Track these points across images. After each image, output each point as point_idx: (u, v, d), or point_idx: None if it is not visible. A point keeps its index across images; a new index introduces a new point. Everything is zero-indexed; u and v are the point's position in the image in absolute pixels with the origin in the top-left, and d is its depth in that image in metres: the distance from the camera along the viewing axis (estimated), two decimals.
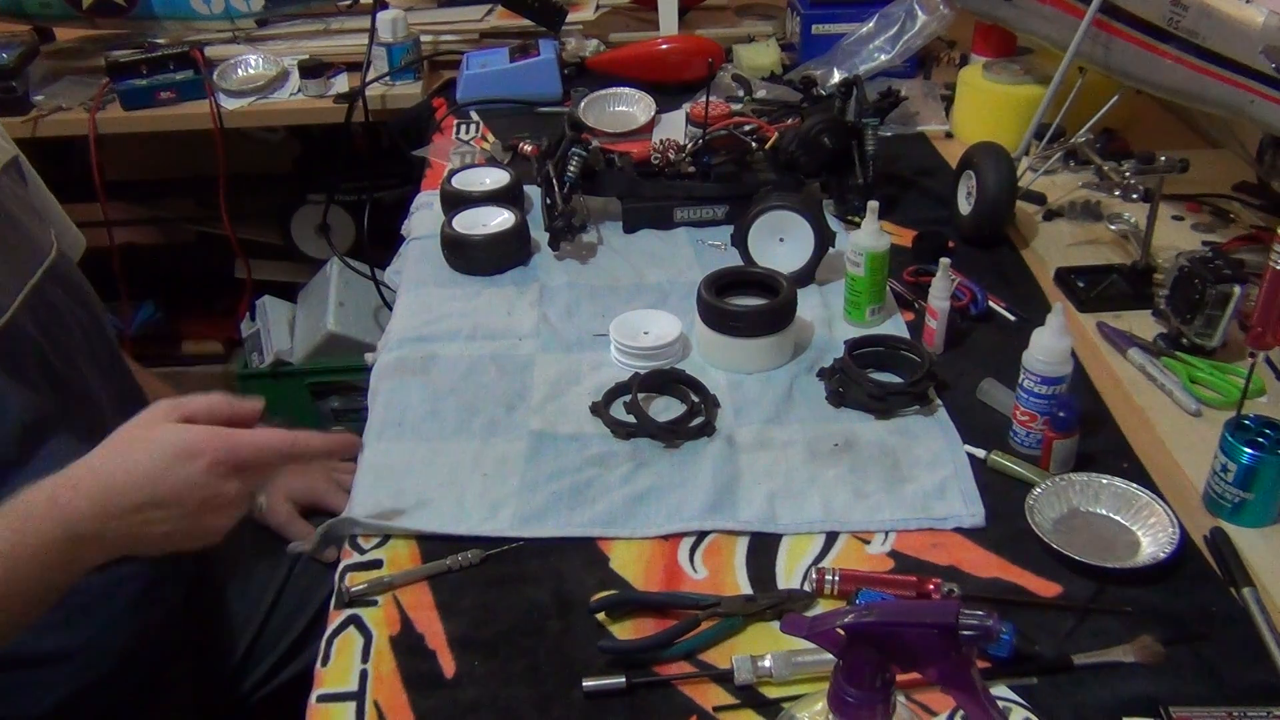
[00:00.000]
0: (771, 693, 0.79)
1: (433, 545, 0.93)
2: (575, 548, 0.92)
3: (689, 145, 1.38)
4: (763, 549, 0.91)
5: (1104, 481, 0.94)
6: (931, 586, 0.86)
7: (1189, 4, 1.14)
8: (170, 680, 1.08)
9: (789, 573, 0.89)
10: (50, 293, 1.01)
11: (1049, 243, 1.35)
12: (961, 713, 0.76)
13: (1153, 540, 0.89)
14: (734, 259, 1.26)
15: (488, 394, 1.09)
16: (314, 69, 1.80)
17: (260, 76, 1.82)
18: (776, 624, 0.84)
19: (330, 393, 2.07)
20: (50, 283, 1.01)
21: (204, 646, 1.14)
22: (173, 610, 1.06)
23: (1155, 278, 1.22)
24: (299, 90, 1.82)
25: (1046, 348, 0.97)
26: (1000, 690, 0.78)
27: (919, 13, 1.64)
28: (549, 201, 1.32)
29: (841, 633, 0.59)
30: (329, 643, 0.85)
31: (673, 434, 1.02)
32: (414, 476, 0.99)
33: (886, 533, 0.93)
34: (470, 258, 1.30)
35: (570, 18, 1.91)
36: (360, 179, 2.11)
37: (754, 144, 1.39)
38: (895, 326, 1.19)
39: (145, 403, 1.10)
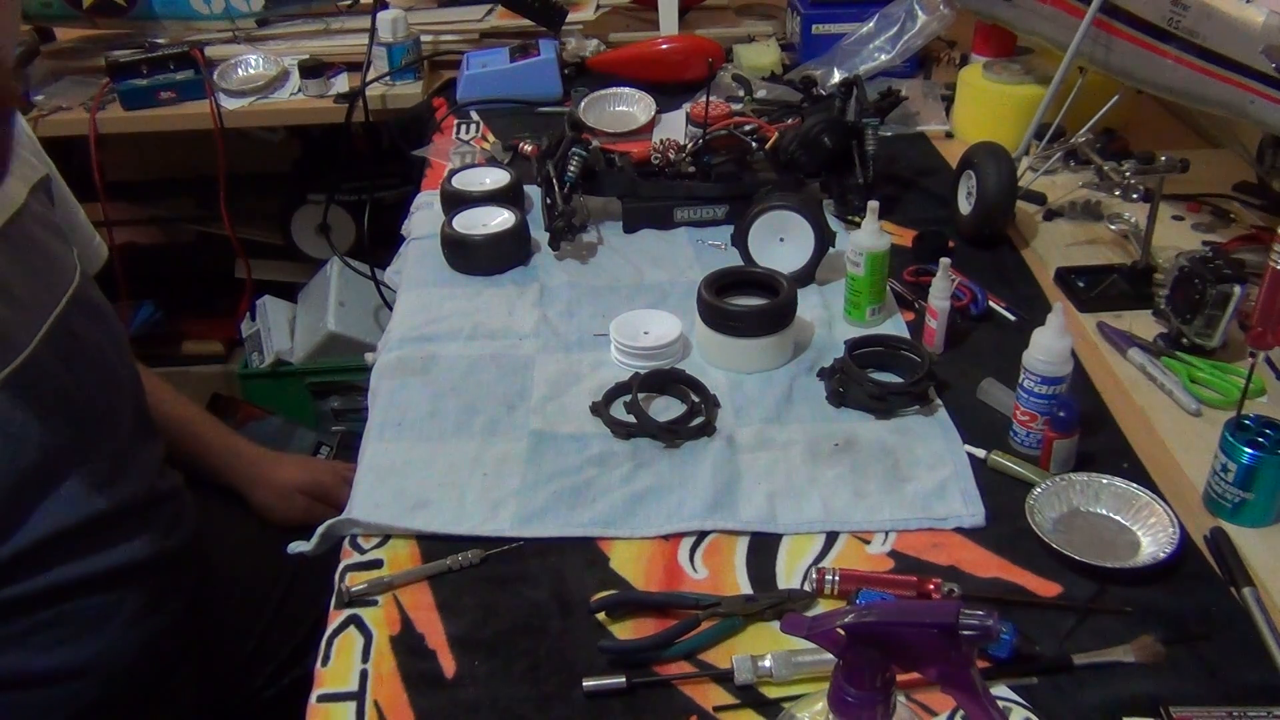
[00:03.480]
0: (771, 693, 0.79)
1: (433, 545, 0.93)
2: (575, 548, 0.92)
3: (689, 145, 1.38)
4: (763, 549, 0.91)
5: (1104, 481, 0.94)
6: (931, 586, 0.86)
7: (1189, 4, 1.14)
8: (174, 687, 1.08)
9: (789, 573, 0.89)
10: (74, 321, 1.00)
11: (1049, 243, 1.35)
12: (961, 713, 0.77)
13: (1153, 540, 0.89)
14: (734, 259, 1.26)
15: (488, 394, 1.09)
16: (314, 69, 1.80)
17: (260, 76, 1.82)
18: (776, 624, 0.84)
19: (330, 393, 2.07)
20: (73, 310, 1.00)
21: (208, 652, 1.14)
22: (176, 620, 1.06)
23: (1155, 278, 1.22)
24: (299, 90, 1.82)
25: (1046, 348, 0.97)
26: (1000, 690, 0.78)
27: (919, 13, 1.64)
28: (549, 201, 1.32)
29: (841, 633, 0.59)
30: (329, 643, 0.85)
31: (673, 434, 1.02)
32: (414, 476, 0.99)
33: (886, 533, 0.93)
34: (470, 258, 1.30)
35: (570, 18, 1.91)
36: (360, 179, 2.11)
37: (754, 144, 1.39)
38: (895, 326, 1.19)
39: (152, 420, 1.11)
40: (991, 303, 1.21)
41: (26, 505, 0.92)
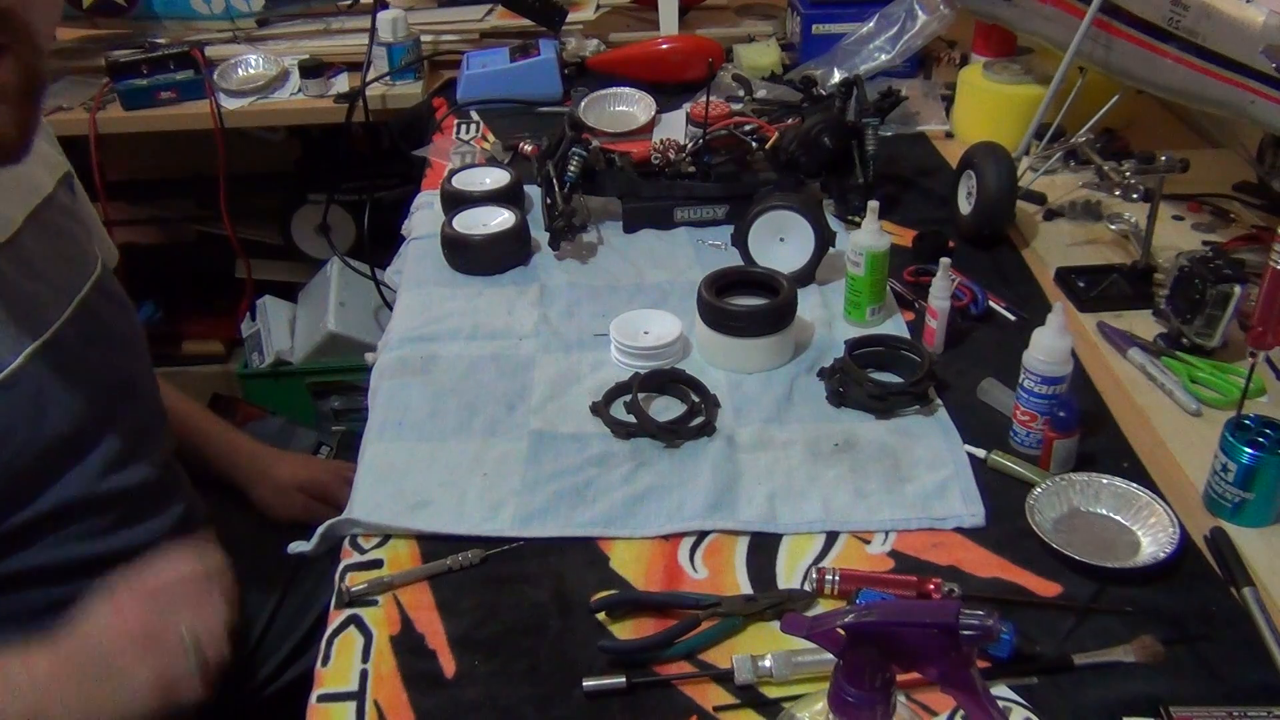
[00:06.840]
0: (771, 693, 0.79)
1: (433, 545, 0.93)
2: (575, 548, 0.92)
3: (689, 145, 1.38)
4: (763, 549, 0.91)
5: (1104, 481, 0.94)
6: (931, 586, 0.86)
7: (1189, 4, 1.14)
8: None
9: (789, 572, 0.89)
10: (96, 305, 1.03)
11: (1049, 243, 1.35)
12: (961, 713, 0.77)
13: (1153, 540, 0.89)
14: (734, 259, 1.26)
15: (488, 394, 1.09)
16: (314, 69, 1.80)
17: (260, 76, 1.82)
18: (776, 624, 0.84)
19: (330, 393, 2.07)
20: (96, 295, 1.03)
21: None
22: None
23: (1155, 278, 1.22)
24: (299, 90, 1.82)
25: (1047, 347, 0.97)
26: (1000, 690, 0.78)
27: (919, 13, 1.64)
28: (549, 201, 1.32)
29: (841, 633, 0.59)
30: (329, 643, 0.85)
31: (673, 434, 1.02)
32: (414, 476, 0.99)
33: (886, 532, 0.93)
34: (470, 258, 1.30)
35: (570, 18, 1.91)
36: (360, 179, 2.11)
37: (754, 144, 1.39)
38: (895, 326, 1.19)
39: (164, 410, 1.12)
40: (991, 303, 1.21)
41: (53, 471, 0.95)
